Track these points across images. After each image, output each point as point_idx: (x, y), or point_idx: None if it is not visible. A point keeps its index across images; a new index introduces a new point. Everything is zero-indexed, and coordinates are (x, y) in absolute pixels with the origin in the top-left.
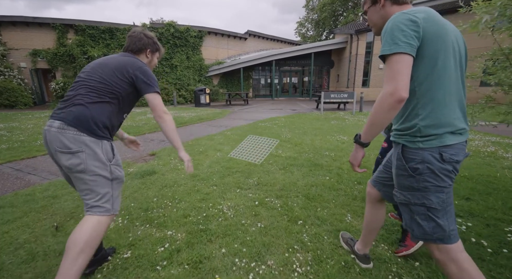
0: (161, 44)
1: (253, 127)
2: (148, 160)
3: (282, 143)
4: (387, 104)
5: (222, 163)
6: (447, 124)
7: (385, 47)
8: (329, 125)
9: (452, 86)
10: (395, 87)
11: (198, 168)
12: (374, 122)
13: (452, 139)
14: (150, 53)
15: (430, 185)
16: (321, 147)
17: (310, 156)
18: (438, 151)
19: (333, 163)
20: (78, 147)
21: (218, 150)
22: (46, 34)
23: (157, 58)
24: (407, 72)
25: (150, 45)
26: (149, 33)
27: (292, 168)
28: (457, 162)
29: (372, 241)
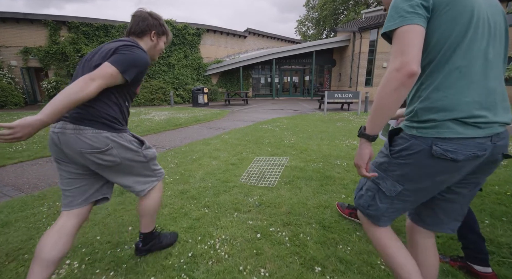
0: (165, 29)
1: (254, 129)
2: None
3: (286, 150)
4: (394, 81)
5: (217, 175)
6: (451, 107)
7: (389, 22)
8: (334, 128)
9: (476, 63)
10: (403, 60)
11: (189, 182)
12: (379, 106)
13: (456, 131)
14: (156, 36)
15: (399, 173)
16: (330, 155)
17: (319, 166)
18: (430, 142)
19: (346, 175)
20: (105, 145)
21: (214, 157)
22: (38, 31)
23: (164, 43)
24: (418, 43)
25: (156, 27)
26: (156, 14)
27: (299, 182)
28: (455, 161)
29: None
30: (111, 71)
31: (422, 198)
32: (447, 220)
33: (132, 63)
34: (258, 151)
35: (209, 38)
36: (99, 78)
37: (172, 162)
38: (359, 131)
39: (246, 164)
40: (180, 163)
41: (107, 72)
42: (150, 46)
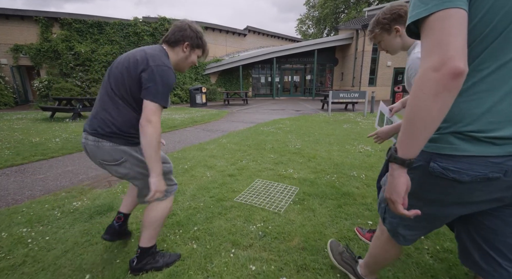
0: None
1: (254, 132)
2: (112, 184)
3: (292, 157)
4: (432, 85)
5: (212, 191)
6: (460, 118)
7: (417, 9)
8: (342, 130)
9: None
10: (442, 54)
11: (176, 200)
12: (414, 120)
13: (458, 147)
14: (188, 48)
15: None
16: (343, 163)
17: (333, 179)
18: (429, 158)
19: (367, 191)
20: (120, 157)
21: (209, 166)
22: (29, 28)
23: (199, 57)
24: (463, 32)
25: (191, 38)
26: (196, 27)
27: (311, 201)
28: (459, 182)
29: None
30: (156, 106)
31: (436, 221)
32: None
33: (167, 91)
34: (260, 159)
35: (208, 36)
36: (150, 113)
37: None
38: (389, 154)
39: (246, 175)
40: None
41: (154, 108)
42: (181, 57)
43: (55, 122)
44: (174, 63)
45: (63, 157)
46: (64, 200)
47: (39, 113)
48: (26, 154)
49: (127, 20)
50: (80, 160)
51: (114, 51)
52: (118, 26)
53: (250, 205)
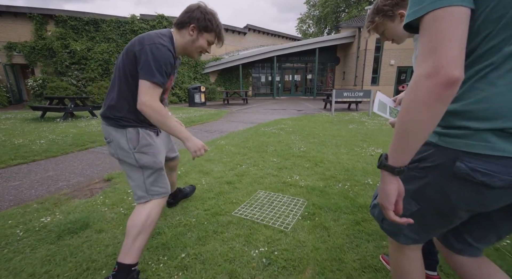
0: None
1: (255, 133)
2: (95, 193)
3: (296, 161)
4: (424, 93)
5: (207, 202)
6: (502, 112)
7: (414, 7)
8: (348, 131)
9: None
10: (436, 61)
11: (165, 214)
12: (405, 129)
13: (497, 147)
14: (195, 31)
15: (414, 189)
16: (354, 169)
17: (346, 188)
18: (454, 156)
19: None
20: (108, 138)
21: (204, 172)
22: (23, 25)
23: (209, 42)
24: (460, 33)
25: (197, 20)
26: (207, 9)
27: (323, 215)
28: (488, 187)
29: None
30: (150, 84)
31: (448, 224)
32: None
33: (158, 67)
34: (262, 163)
35: None
36: (143, 94)
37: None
38: (380, 161)
39: (246, 182)
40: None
41: (148, 87)
42: (187, 41)
43: (45, 122)
44: (181, 47)
45: (45, 161)
46: (33, 214)
47: (30, 112)
48: (4, 157)
49: (124, 18)
50: (64, 163)
51: (110, 49)
52: (115, 24)
53: (251, 220)
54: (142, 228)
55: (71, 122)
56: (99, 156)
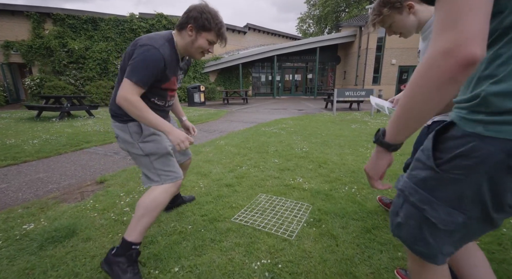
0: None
1: (255, 133)
2: (86, 196)
3: (298, 162)
4: (439, 72)
5: (204, 207)
6: None
7: None
8: (350, 131)
9: None
10: (457, 37)
11: (158, 221)
12: (410, 107)
13: None
14: (193, 31)
15: (456, 195)
16: (361, 170)
17: (353, 191)
18: (509, 147)
19: None
20: (116, 133)
21: (203, 174)
22: (20, 23)
23: (210, 41)
24: (485, 5)
25: (194, 20)
26: (206, 7)
27: (330, 221)
28: None
29: None
30: (130, 84)
31: (494, 228)
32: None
33: (142, 67)
34: (263, 164)
35: None
36: (123, 90)
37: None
38: (376, 136)
39: (246, 185)
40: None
41: (128, 85)
42: (187, 42)
43: (40, 122)
44: (183, 48)
45: (37, 162)
46: (16, 220)
47: (26, 112)
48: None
49: (123, 16)
50: (56, 164)
51: (109, 48)
52: (113, 22)
53: (252, 227)
54: (146, 211)
55: (67, 122)
56: (94, 156)
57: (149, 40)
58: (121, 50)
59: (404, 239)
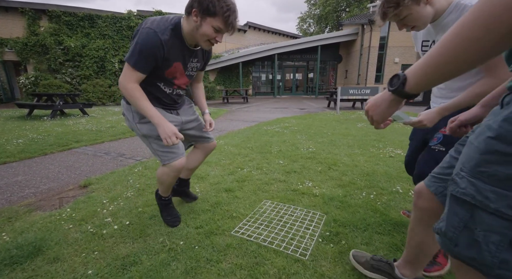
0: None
1: (257, 132)
2: (65, 202)
3: (305, 163)
4: (496, 9)
5: (200, 216)
6: None
7: None
8: (357, 130)
9: None
10: None
11: (145, 233)
12: (453, 52)
13: None
14: (198, 16)
15: None
16: (375, 172)
17: (371, 197)
18: None
19: None
20: (123, 112)
21: (199, 177)
22: (14, 20)
23: (215, 28)
24: None
25: (198, 3)
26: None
27: (350, 235)
28: None
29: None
30: (127, 67)
31: None
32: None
33: (137, 50)
34: (266, 166)
35: None
36: (122, 77)
37: (133, 186)
38: (393, 85)
39: (248, 189)
40: (146, 187)
41: (125, 69)
42: (192, 27)
43: (30, 121)
44: (189, 34)
45: (18, 163)
46: None
47: (18, 111)
48: None
49: (121, 14)
50: (39, 166)
51: (106, 46)
52: (110, 20)
53: (256, 243)
54: (158, 182)
55: (60, 120)
56: (82, 157)
57: (152, 23)
58: (119, 48)
59: (481, 262)
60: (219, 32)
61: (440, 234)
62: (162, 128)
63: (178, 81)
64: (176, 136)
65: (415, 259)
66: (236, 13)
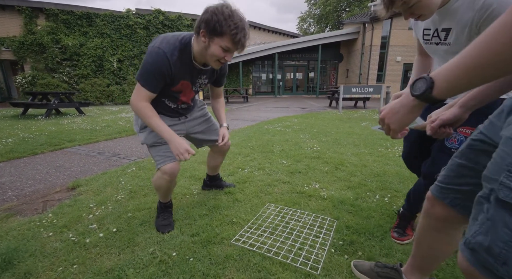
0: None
1: (258, 131)
2: (50, 206)
3: (310, 163)
4: None
5: (196, 222)
6: None
7: None
8: (362, 129)
9: None
10: None
11: (133, 242)
12: (490, 56)
13: None
14: (206, 36)
15: None
16: (386, 173)
17: (386, 200)
18: None
19: None
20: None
21: (197, 178)
22: (11, 19)
23: (224, 48)
24: None
25: (206, 23)
26: (222, 9)
27: (366, 245)
28: None
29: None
30: (137, 86)
31: None
32: None
33: (144, 70)
34: (268, 166)
35: None
36: (133, 96)
37: (125, 188)
38: (419, 89)
39: (250, 192)
40: (139, 189)
41: (136, 88)
42: (201, 48)
43: (24, 120)
44: (198, 53)
45: (4, 164)
46: None
47: (12, 110)
48: None
49: (119, 12)
50: (27, 166)
51: (104, 45)
52: (109, 18)
53: (260, 254)
54: (155, 188)
55: (55, 120)
56: (73, 157)
57: (162, 42)
58: (117, 46)
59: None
60: (228, 52)
61: (477, 249)
62: (174, 145)
63: (185, 96)
64: (188, 152)
65: (425, 265)
66: (244, 31)
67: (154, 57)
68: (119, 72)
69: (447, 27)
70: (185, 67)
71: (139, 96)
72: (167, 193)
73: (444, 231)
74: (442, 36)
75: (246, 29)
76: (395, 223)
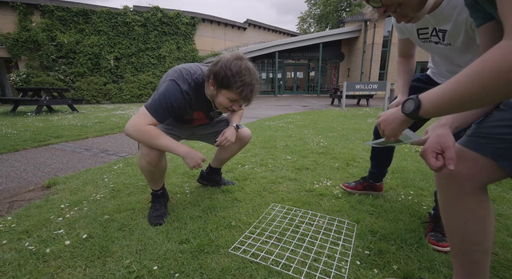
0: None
1: (259, 127)
2: (16, 207)
3: (318, 159)
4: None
5: (188, 226)
6: None
7: None
8: (369, 125)
9: None
10: None
11: (109, 250)
12: (464, 96)
13: None
14: (214, 86)
15: None
16: (405, 169)
17: (410, 199)
18: None
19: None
20: None
21: (190, 175)
22: (5, 15)
23: (232, 101)
24: None
25: (214, 75)
26: (231, 63)
27: (401, 256)
28: None
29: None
30: (143, 111)
31: None
32: None
33: (158, 101)
34: (272, 163)
35: (206, 28)
36: (132, 119)
37: (107, 186)
38: (408, 109)
39: (251, 190)
40: (123, 187)
41: (140, 112)
42: (211, 94)
43: (12, 117)
44: (210, 97)
45: None
46: None
47: (1, 107)
48: None
49: (116, 9)
50: (4, 163)
51: (101, 42)
52: (106, 15)
53: (265, 267)
54: (144, 174)
55: (45, 116)
56: (58, 153)
57: (179, 77)
58: (114, 44)
59: None
60: (235, 102)
61: None
62: (191, 157)
63: (198, 121)
64: (202, 160)
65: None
66: (251, 87)
67: (170, 90)
68: (116, 70)
69: (443, 29)
70: (200, 101)
71: (143, 121)
72: (152, 177)
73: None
74: (440, 36)
75: (253, 84)
76: (429, 226)
